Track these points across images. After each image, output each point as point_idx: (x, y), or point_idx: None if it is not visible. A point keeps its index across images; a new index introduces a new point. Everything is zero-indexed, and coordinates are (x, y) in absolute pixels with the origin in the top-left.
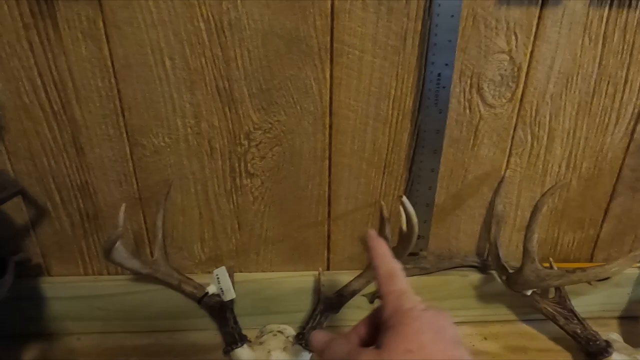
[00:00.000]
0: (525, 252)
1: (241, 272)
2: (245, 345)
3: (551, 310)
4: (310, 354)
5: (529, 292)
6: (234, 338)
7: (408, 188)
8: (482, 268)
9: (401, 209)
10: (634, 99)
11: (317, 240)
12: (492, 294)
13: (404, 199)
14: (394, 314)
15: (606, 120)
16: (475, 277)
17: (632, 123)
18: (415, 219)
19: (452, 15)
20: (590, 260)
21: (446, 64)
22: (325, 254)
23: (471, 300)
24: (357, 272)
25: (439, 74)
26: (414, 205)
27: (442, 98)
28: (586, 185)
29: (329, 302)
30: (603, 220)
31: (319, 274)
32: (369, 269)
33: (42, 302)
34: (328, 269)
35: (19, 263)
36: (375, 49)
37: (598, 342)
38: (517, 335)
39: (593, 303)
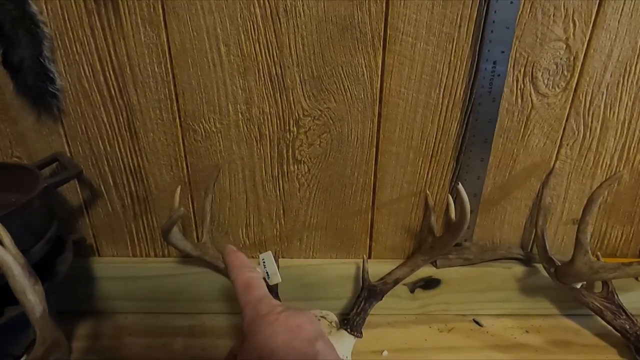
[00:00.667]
0: (578, 243)
1: (284, 257)
2: None
3: (598, 305)
4: (355, 339)
5: (578, 285)
6: None
7: (454, 178)
8: (526, 260)
9: (449, 198)
10: None
11: (360, 228)
12: (535, 287)
13: (460, 186)
14: (251, 323)
15: None
16: (518, 269)
17: None
18: (468, 208)
19: (512, 2)
20: (639, 256)
21: (502, 52)
22: (368, 242)
23: (513, 293)
24: (399, 262)
25: (495, 62)
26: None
27: (496, 86)
28: (638, 178)
29: (373, 289)
30: None
31: (363, 262)
32: (413, 257)
33: (93, 281)
34: (370, 257)
35: (74, 242)
36: (429, 36)
37: None
38: (560, 330)
39: None
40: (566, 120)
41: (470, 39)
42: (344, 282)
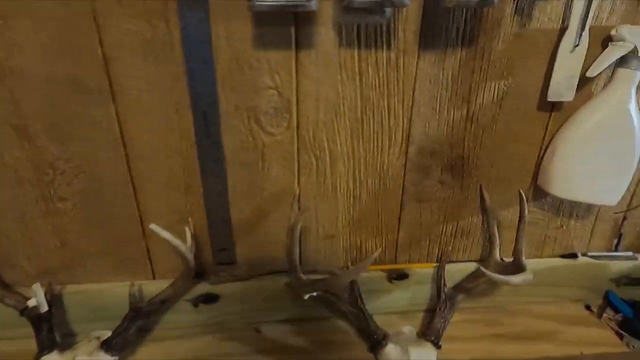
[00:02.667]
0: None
1: (72, 284)
2: (54, 352)
3: (344, 309)
4: (113, 358)
5: (305, 296)
6: (44, 345)
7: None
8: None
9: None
10: (401, 125)
11: (139, 253)
12: None
13: (152, 226)
14: None
15: (380, 142)
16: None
17: (404, 145)
18: (174, 241)
19: (205, 62)
20: (395, 262)
21: (209, 104)
22: (149, 266)
23: (287, 302)
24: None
25: (204, 112)
26: (212, 223)
27: (212, 132)
28: (376, 198)
29: (138, 310)
30: (398, 228)
31: (130, 285)
32: (179, 279)
33: None
34: (154, 278)
35: None
36: (153, 89)
37: (376, 336)
38: (329, 331)
39: (402, 299)
40: (298, 154)
41: (187, 91)
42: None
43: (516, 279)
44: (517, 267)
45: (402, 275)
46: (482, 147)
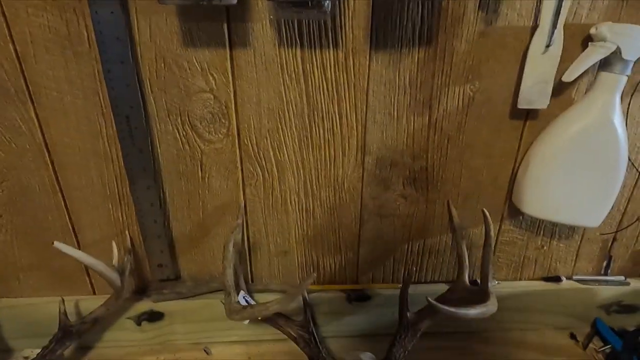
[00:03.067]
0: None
1: (6, 297)
2: None
3: (293, 334)
4: None
5: (244, 322)
6: None
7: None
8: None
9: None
10: (355, 133)
11: (75, 267)
12: None
13: (57, 243)
14: None
15: (332, 152)
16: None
17: (359, 155)
18: (85, 259)
19: (123, 62)
20: (356, 282)
21: (131, 107)
22: (87, 280)
23: (238, 322)
24: (126, 296)
25: (127, 116)
26: (145, 238)
27: (138, 138)
28: (331, 212)
29: (69, 330)
30: (359, 245)
31: (60, 303)
32: (112, 297)
33: None
34: (94, 293)
35: None
36: (74, 90)
37: None
38: (282, 354)
39: (363, 322)
40: (241, 163)
41: (107, 94)
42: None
43: (473, 311)
44: (484, 294)
45: (363, 297)
46: (448, 158)
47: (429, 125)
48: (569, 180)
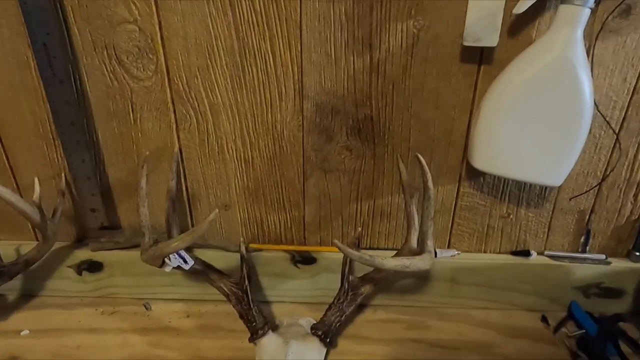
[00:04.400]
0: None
1: None
2: None
3: (226, 290)
4: None
5: (167, 269)
6: None
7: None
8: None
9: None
10: (291, 74)
11: (14, 212)
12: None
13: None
14: None
15: (268, 95)
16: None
17: (297, 99)
18: (17, 202)
19: None
20: (304, 242)
21: (47, 33)
22: (30, 225)
23: (180, 278)
24: (66, 243)
25: (45, 44)
26: (75, 178)
27: (57, 68)
28: (271, 164)
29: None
30: (304, 202)
31: None
32: (41, 240)
33: None
34: (37, 239)
35: None
36: None
37: (255, 324)
38: (220, 315)
39: (309, 287)
40: (173, 104)
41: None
42: None
43: (393, 262)
44: (421, 252)
45: (309, 259)
46: (394, 107)
47: (371, 68)
48: (524, 131)
